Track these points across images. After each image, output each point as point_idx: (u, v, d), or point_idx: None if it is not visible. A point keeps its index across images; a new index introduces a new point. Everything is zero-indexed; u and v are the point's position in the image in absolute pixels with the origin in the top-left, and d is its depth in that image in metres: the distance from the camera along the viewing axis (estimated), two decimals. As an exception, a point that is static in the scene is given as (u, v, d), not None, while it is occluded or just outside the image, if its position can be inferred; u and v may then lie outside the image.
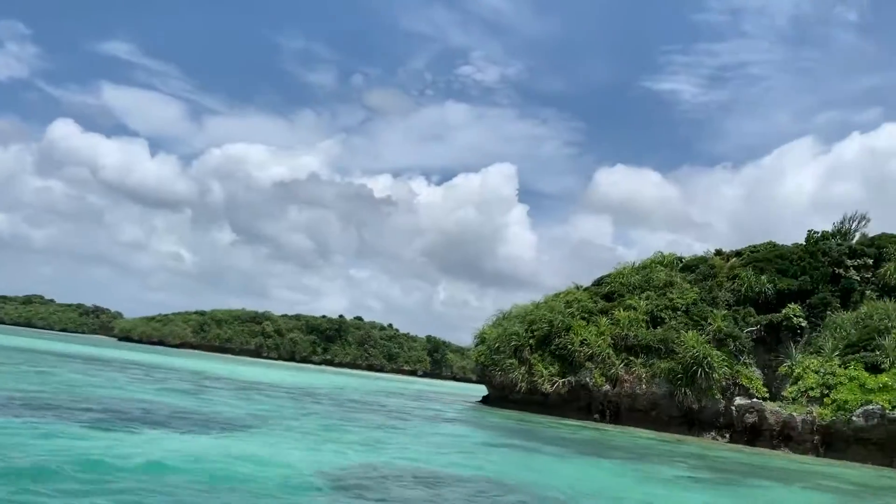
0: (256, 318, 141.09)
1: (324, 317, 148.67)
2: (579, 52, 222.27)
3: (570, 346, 38.73)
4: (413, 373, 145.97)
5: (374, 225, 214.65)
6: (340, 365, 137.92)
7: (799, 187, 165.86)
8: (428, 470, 14.09)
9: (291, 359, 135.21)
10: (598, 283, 45.33)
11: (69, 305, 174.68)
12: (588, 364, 38.17)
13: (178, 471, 10.66)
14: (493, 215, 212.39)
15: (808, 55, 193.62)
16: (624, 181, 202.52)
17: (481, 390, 61.77)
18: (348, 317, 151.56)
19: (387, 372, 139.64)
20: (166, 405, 19.94)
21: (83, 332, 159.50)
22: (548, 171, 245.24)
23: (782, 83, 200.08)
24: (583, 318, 40.19)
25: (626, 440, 28.81)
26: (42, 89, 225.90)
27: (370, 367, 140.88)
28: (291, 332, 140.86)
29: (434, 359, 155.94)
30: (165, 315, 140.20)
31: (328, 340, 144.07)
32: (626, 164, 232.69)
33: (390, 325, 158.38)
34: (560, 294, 45.16)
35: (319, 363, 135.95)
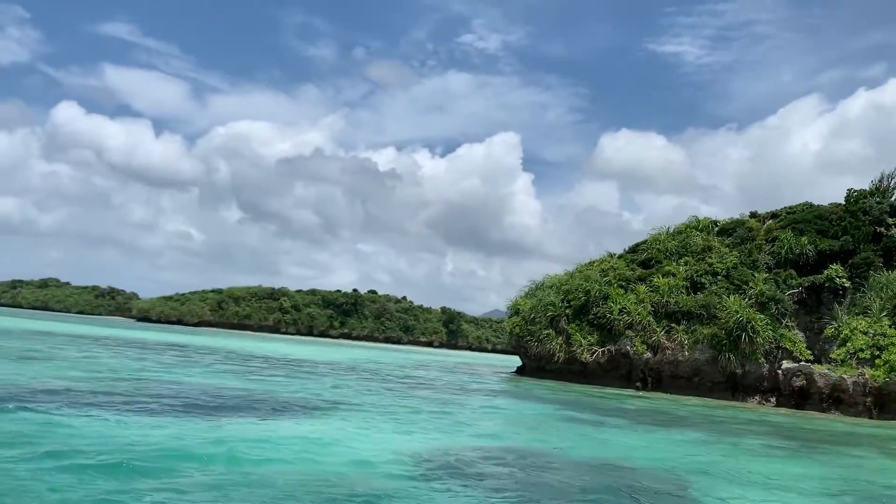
0: (273, 295, 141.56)
1: (339, 291, 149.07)
2: (581, 16, 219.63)
3: (608, 315, 38.31)
4: (430, 344, 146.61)
5: (380, 199, 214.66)
6: (358, 338, 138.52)
7: (804, 146, 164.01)
8: (516, 448, 13.77)
9: (309, 333, 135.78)
10: (634, 250, 44.76)
11: (85, 287, 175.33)
12: (628, 332, 37.79)
13: (276, 462, 10.34)
14: (497, 185, 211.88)
15: (813, 12, 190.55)
16: (629, 146, 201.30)
17: (510, 360, 61.81)
18: (359, 290, 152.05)
19: (404, 344, 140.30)
20: (226, 389, 19.66)
21: (100, 314, 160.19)
22: (552, 139, 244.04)
23: (787, 41, 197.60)
24: (620, 286, 39.73)
25: (678, 408, 28.51)
26: (44, 72, 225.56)
27: (387, 340, 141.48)
28: (308, 308, 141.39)
29: (450, 329, 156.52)
30: (183, 294, 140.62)
31: (345, 314, 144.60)
32: (630, 129, 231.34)
33: (405, 298, 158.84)
34: (594, 262, 44.65)
35: (337, 337, 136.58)
